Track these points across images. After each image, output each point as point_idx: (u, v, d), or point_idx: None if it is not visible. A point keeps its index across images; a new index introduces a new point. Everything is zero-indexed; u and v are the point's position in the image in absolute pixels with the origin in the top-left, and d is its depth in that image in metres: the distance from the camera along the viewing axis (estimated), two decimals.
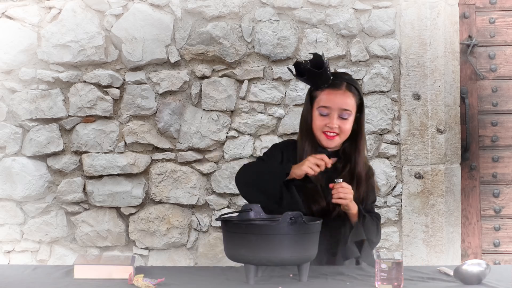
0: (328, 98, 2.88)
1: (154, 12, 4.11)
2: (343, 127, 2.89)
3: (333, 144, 2.91)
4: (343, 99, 2.89)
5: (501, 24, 4.25)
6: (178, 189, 4.13)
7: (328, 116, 2.88)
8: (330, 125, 2.87)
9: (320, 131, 2.90)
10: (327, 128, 2.88)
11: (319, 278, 2.60)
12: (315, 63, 2.84)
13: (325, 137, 2.89)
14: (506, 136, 4.26)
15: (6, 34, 4.11)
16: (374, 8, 4.11)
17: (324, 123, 2.88)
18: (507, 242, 4.26)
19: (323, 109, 2.89)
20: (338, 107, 2.88)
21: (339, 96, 2.88)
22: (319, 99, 2.90)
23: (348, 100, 2.89)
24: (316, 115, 2.90)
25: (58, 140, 4.13)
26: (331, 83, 2.89)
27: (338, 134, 2.89)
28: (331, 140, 2.89)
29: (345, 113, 2.88)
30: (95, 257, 2.95)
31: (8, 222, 4.16)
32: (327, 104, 2.88)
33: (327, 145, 2.91)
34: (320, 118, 2.89)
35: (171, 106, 4.11)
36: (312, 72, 2.85)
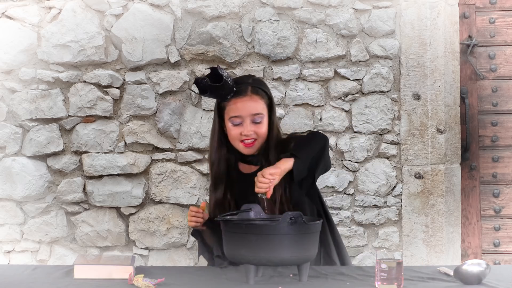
0: (236, 107, 2.85)
1: (154, 12, 4.11)
2: (258, 131, 2.87)
3: (253, 150, 2.89)
4: (252, 104, 2.86)
5: (501, 24, 4.25)
6: (178, 189, 4.13)
7: (242, 125, 2.85)
8: (246, 132, 2.85)
9: (238, 141, 2.87)
10: (243, 136, 2.86)
11: (319, 278, 2.60)
12: (214, 77, 2.81)
13: (243, 146, 2.88)
14: (506, 136, 4.26)
15: (6, 34, 4.11)
16: (374, 8, 4.11)
17: (239, 132, 2.86)
18: (507, 242, 4.26)
19: (234, 119, 2.86)
20: (249, 113, 2.85)
21: (246, 102, 2.85)
22: (228, 109, 2.87)
23: (257, 104, 2.87)
24: (229, 126, 2.88)
25: (58, 140, 4.13)
26: (235, 92, 2.85)
27: (256, 139, 2.87)
28: (250, 147, 2.88)
29: (257, 117, 2.86)
30: (95, 257, 2.95)
31: (8, 222, 4.16)
32: (237, 114, 2.85)
33: (247, 153, 2.89)
34: (233, 128, 2.86)
35: (171, 106, 4.11)
36: (213, 87, 2.81)
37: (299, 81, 4.10)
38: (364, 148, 4.11)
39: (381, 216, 4.13)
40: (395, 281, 2.44)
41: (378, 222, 4.14)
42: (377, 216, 4.13)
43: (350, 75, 4.11)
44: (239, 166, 2.97)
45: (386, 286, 2.44)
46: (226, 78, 2.81)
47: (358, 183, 4.13)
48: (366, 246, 4.15)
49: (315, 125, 4.10)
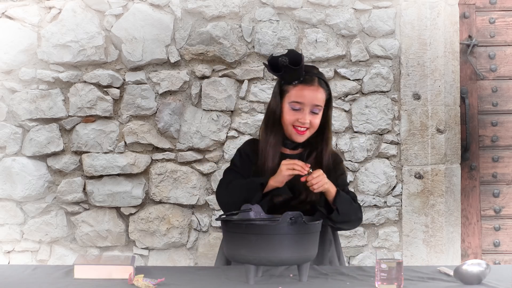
0: (301, 94, 2.88)
1: (154, 12, 4.11)
2: (313, 122, 2.89)
3: (303, 139, 2.92)
4: (316, 94, 2.89)
5: (501, 24, 4.25)
6: (178, 189, 4.13)
7: (300, 111, 2.88)
8: (302, 120, 2.88)
9: (291, 125, 2.90)
10: (299, 123, 2.88)
11: (319, 278, 2.60)
12: (293, 60, 2.84)
13: (295, 132, 2.90)
14: (506, 136, 4.26)
15: (6, 34, 4.11)
16: (374, 8, 4.11)
17: (295, 118, 2.88)
18: (507, 242, 4.26)
19: (295, 104, 2.88)
20: (311, 103, 2.88)
21: (312, 91, 2.89)
22: (290, 93, 2.89)
23: (320, 95, 2.90)
24: (287, 109, 2.90)
25: (58, 140, 4.13)
26: (304, 78, 2.89)
27: (308, 129, 2.90)
28: (302, 135, 2.90)
29: (317, 108, 2.89)
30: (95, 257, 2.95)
31: (8, 222, 4.16)
32: (300, 100, 2.88)
33: (297, 140, 2.92)
34: (291, 112, 2.89)
35: (171, 106, 4.11)
36: (288, 69, 2.85)
37: None
38: (364, 148, 4.11)
39: (381, 216, 4.13)
40: (395, 281, 2.44)
41: (378, 222, 4.14)
42: (377, 216, 4.13)
43: (350, 75, 4.11)
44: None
45: (386, 286, 2.44)
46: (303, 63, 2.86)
47: (358, 183, 4.13)
48: (366, 246, 4.15)
49: None
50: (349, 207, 2.90)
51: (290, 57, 2.85)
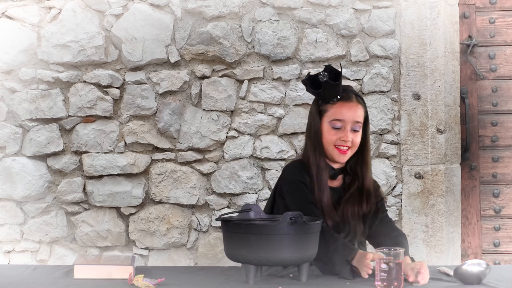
0: (341, 111, 2.82)
1: (154, 12, 4.11)
2: (355, 140, 2.84)
3: (345, 159, 2.85)
4: (356, 111, 2.83)
5: (501, 24, 4.25)
6: (178, 189, 4.13)
7: (341, 130, 2.82)
8: (345, 138, 2.81)
9: (333, 146, 2.83)
10: (341, 141, 2.81)
11: (319, 278, 2.60)
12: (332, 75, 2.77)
13: (337, 152, 2.83)
14: (506, 136, 4.26)
15: (6, 34, 4.11)
16: (374, 8, 4.11)
17: (337, 137, 2.82)
18: (507, 242, 4.26)
19: (336, 122, 2.82)
20: (352, 120, 2.82)
21: (352, 108, 2.83)
22: (330, 112, 2.83)
23: (360, 112, 2.85)
24: (327, 128, 2.83)
25: (58, 140, 4.13)
26: (342, 96, 2.83)
27: (350, 148, 2.83)
28: (344, 154, 2.83)
29: (357, 125, 2.84)
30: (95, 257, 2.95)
31: (8, 222, 4.16)
32: (340, 117, 2.82)
33: (340, 160, 2.84)
34: (332, 131, 2.83)
35: (171, 106, 4.11)
36: (329, 85, 2.78)
37: (299, 81, 4.10)
38: None
39: None
40: (394, 281, 2.43)
41: None
42: None
43: (350, 75, 4.11)
44: None
45: (385, 287, 2.44)
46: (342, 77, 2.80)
47: None
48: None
49: None
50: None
51: (329, 73, 2.78)
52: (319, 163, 2.83)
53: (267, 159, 4.11)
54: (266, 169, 4.11)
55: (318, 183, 2.81)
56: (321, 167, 2.83)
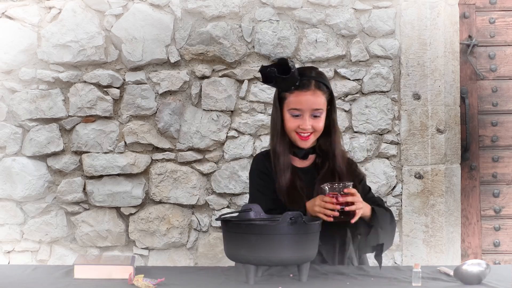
0: (298, 100, 2.83)
1: (154, 12, 4.11)
2: (316, 126, 2.85)
3: (308, 144, 2.88)
4: (314, 99, 2.84)
5: (501, 24, 4.25)
6: (178, 189, 4.13)
7: (300, 117, 2.84)
8: (303, 126, 2.83)
9: (294, 132, 2.86)
10: (300, 129, 2.84)
11: (319, 278, 2.60)
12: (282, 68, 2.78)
13: (299, 138, 2.86)
14: (506, 136, 4.26)
15: (6, 34, 4.11)
16: (374, 8, 4.11)
17: (296, 125, 2.84)
18: (507, 242, 4.26)
19: (294, 111, 2.84)
20: (310, 108, 2.83)
21: (309, 96, 2.83)
22: (288, 101, 2.85)
23: (318, 99, 2.84)
24: (287, 116, 2.86)
25: (58, 140, 4.13)
26: (299, 84, 2.83)
27: (312, 133, 2.86)
28: (306, 140, 2.86)
29: (317, 112, 2.84)
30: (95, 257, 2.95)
31: (8, 222, 4.16)
32: (297, 106, 2.83)
33: (302, 146, 2.88)
34: (292, 119, 2.85)
35: (171, 106, 4.11)
36: (279, 78, 2.79)
37: None
38: (364, 148, 4.11)
39: None
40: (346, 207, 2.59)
41: None
42: None
43: (350, 75, 4.11)
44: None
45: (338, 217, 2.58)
46: (294, 71, 2.79)
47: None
48: None
49: None
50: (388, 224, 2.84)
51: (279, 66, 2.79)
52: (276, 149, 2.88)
53: None
54: None
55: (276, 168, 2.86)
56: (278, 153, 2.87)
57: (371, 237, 2.81)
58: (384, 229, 2.82)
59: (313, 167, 2.92)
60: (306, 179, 2.89)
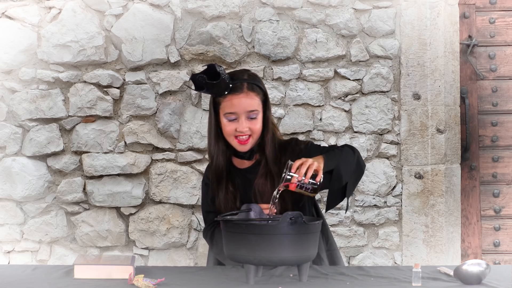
0: (232, 104, 2.82)
1: (154, 12, 4.11)
2: (253, 128, 2.84)
3: (247, 147, 2.87)
4: (247, 101, 2.82)
5: (501, 24, 4.25)
6: (178, 189, 4.13)
7: (236, 121, 2.83)
8: (241, 129, 2.83)
9: (232, 137, 2.85)
10: (238, 132, 2.84)
11: (319, 278, 2.60)
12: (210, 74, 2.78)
13: (237, 143, 2.86)
14: (506, 136, 4.26)
15: (6, 34, 4.11)
16: (374, 8, 4.11)
17: (233, 128, 2.84)
18: (507, 242, 4.26)
19: (229, 115, 2.83)
20: (244, 110, 2.82)
21: (242, 99, 2.82)
22: (223, 105, 2.84)
23: (252, 101, 2.83)
24: (224, 122, 2.86)
25: (58, 140, 4.13)
26: (231, 88, 2.82)
27: (251, 135, 2.85)
28: (245, 144, 2.85)
29: (253, 113, 2.83)
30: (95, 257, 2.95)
31: (8, 222, 4.16)
32: (232, 110, 2.82)
33: (242, 150, 2.87)
34: (228, 124, 2.84)
35: (171, 106, 4.11)
36: (209, 84, 2.78)
37: (299, 81, 4.10)
38: (364, 148, 4.11)
39: (381, 216, 4.13)
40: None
41: (378, 222, 4.14)
42: (377, 216, 4.13)
43: (350, 75, 4.11)
44: (233, 161, 2.96)
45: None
46: (223, 76, 2.78)
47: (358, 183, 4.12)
48: (366, 246, 4.15)
49: (315, 125, 4.11)
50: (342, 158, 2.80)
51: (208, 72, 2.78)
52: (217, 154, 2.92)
53: None
54: None
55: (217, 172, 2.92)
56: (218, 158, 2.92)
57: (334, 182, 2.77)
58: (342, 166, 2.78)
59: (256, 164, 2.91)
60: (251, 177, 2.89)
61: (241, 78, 2.87)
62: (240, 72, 2.95)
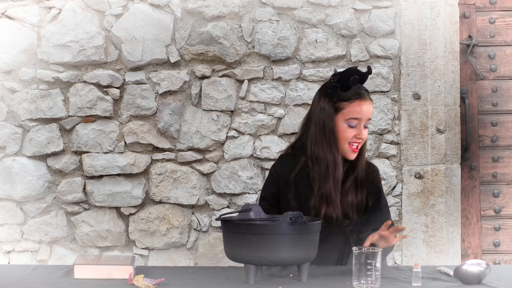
0: (359, 110, 2.83)
1: (154, 12, 4.11)
2: (366, 136, 2.89)
3: (355, 156, 2.89)
4: (370, 108, 2.87)
5: (501, 24, 4.25)
6: (178, 189, 4.13)
7: (356, 127, 2.84)
8: (360, 135, 2.84)
9: (347, 144, 2.85)
10: (356, 139, 2.84)
11: (319, 278, 2.60)
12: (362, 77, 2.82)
13: (350, 150, 2.86)
14: (506, 136, 4.26)
15: (6, 34, 4.11)
16: (374, 8, 4.11)
17: (353, 134, 2.84)
18: (507, 242, 4.27)
19: (353, 120, 2.84)
20: (367, 117, 2.86)
21: (367, 106, 2.86)
22: (347, 110, 2.84)
23: (372, 108, 2.89)
24: (344, 127, 2.85)
25: (58, 140, 4.13)
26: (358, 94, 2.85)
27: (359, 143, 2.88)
28: (356, 152, 2.88)
29: (369, 122, 2.89)
30: (95, 257, 2.95)
31: (8, 222, 4.16)
32: (358, 116, 2.84)
33: (351, 158, 2.88)
34: (348, 129, 2.84)
35: (171, 106, 4.11)
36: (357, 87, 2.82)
37: (299, 81, 4.10)
38: None
39: None
40: None
41: None
42: None
43: None
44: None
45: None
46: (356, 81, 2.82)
47: None
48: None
49: None
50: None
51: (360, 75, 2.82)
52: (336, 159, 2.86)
53: (267, 159, 4.11)
54: (266, 169, 4.11)
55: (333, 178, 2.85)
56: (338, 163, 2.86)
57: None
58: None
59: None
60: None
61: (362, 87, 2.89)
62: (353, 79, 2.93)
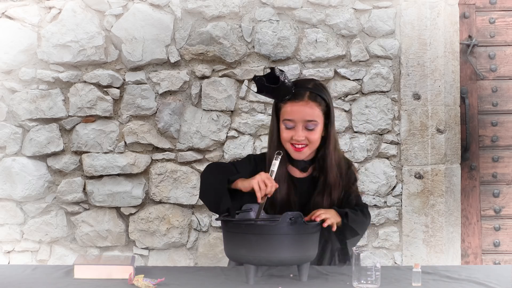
0: (291, 111, 2.80)
1: (154, 12, 4.11)
2: (310, 138, 2.82)
3: (302, 156, 2.86)
4: (306, 110, 2.80)
5: (501, 24, 4.25)
6: (178, 189, 4.13)
7: (294, 129, 2.81)
8: (296, 137, 2.81)
9: (288, 143, 2.84)
10: (294, 140, 2.82)
11: (319, 278, 2.60)
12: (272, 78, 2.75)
13: (293, 149, 2.84)
14: (506, 136, 4.26)
15: (6, 34, 4.11)
16: (374, 8, 4.11)
17: (290, 136, 2.82)
18: (507, 242, 4.27)
19: (288, 122, 2.82)
20: (302, 119, 2.80)
21: (302, 107, 2.80)
22: (283, 111, 2.83)
23: (312, 110, 2.81)
24: (282, 127, 2.84)
25: (58, 140, 4.13)
26: (293, 94, 2.80)
27: (307, 145, 2.83)
28: (300, 152, 2.84)
29: (311, 124, 2.81)
30: (95, 257, 2.95)
31: (8, 222, 4.16)
32: (290, 117, 2.81)
33: (296, 157, 2.86)
34: (286, 130, 2.83)
35: (171, 106, 4.11)
36: (269, 88, 2.76)
37: None
38: (364, 148, 4.11)
39: (381, 216, 4.13)
40: None
41: (378, 222, 4.14)
42: (377, 216, 4.13)
43: (350, 75, 4.11)
44: (288, 168, 2.92)
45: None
46: (284, 80, 2.76)
47: (358, 183, 4.12)
48: (366, 246, 4.15)
49: None
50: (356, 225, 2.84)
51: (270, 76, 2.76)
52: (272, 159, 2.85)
53: None
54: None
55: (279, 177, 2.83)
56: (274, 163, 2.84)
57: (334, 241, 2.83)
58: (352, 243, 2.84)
59: (311, 178, 2.90)
60: (303, 188, 2.89)
61: (305, 86, 2.84)
62: (307, 80, 2.93)
